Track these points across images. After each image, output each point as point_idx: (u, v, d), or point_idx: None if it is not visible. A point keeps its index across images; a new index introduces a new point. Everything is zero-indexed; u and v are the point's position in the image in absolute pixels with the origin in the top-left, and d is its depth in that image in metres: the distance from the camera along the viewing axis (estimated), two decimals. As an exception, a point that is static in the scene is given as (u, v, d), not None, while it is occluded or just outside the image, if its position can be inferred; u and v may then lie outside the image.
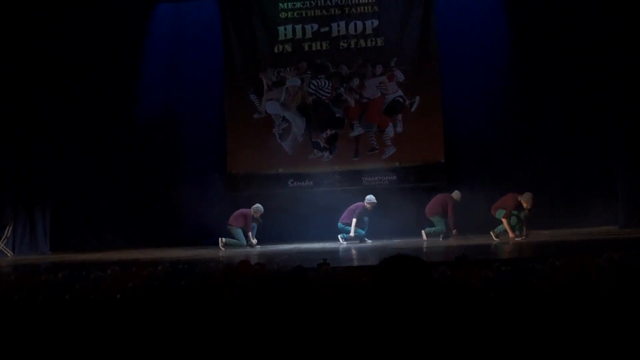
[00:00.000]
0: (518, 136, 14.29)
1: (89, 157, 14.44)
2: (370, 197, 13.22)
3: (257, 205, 13.55)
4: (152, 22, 15.05)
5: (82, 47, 14.48)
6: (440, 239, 12.68)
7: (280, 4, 14.84)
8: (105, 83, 14.60)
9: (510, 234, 11.98)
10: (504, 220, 12.04)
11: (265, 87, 14.85)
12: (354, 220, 13.13)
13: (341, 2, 14.75)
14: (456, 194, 12.94)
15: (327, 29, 14.80)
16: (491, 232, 12.20)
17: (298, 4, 14.82)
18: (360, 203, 13.26)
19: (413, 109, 14.59)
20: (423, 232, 12.95)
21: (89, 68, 14.54)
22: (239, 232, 13.39)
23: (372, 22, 14.71)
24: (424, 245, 11.76)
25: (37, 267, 10.81)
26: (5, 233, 13.65)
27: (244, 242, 13.31)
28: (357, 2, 14.72)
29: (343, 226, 13.32)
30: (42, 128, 14.14)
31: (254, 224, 13.51)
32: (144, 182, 14.79)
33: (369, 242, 13.00)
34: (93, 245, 13.98)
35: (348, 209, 13.34)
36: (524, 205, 12.06)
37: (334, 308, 4.34)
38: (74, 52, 14.44)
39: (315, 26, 14.82)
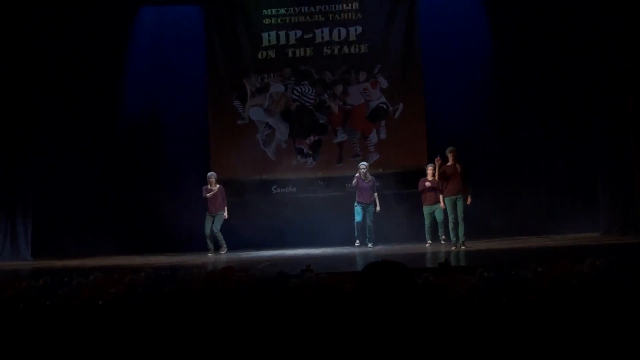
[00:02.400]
0: (501, 143, 14.38)
1: (71, 162, 14.35)
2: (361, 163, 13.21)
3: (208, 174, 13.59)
4: (135, 26, 15.00)
5: (65, 51, 14.39)
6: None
7: (264, 10, 14.86)
8: (88, 88, 14.52)
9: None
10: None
11: (249, 93, 14.85)
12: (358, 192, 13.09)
13: (325, 8, 14.80)
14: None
15: (310, 35, 14.83)
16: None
17: (282, 11, 14.85)
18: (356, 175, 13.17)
19: (397, 116, 14.66)
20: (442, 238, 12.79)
21: (72, 72, 14.46)
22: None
23: (356, 29, 14.76)
24: (412, 251, 11.78)
25: (18, 273, 10.72)
26: (-13, 239, 13.56)
27: (206, 230, 13.34)
28: (340, 8, 14.78)
29: (365, 206, 13.09)
30: (23, 133, 14.01)
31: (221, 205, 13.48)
32: (127, 188, 14.73)
33: (356, 244, 13.03)
34: (75, 252, 13.87)
35: (359, 188, 13.10)
36: (450, 160, 11.80)
37: (318, 314, 4.33)
38: (56, 56, 14.35)
39: (299, 32, 14.85)
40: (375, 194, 13.05)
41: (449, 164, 11.76)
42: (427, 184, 12.88)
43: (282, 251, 12.96)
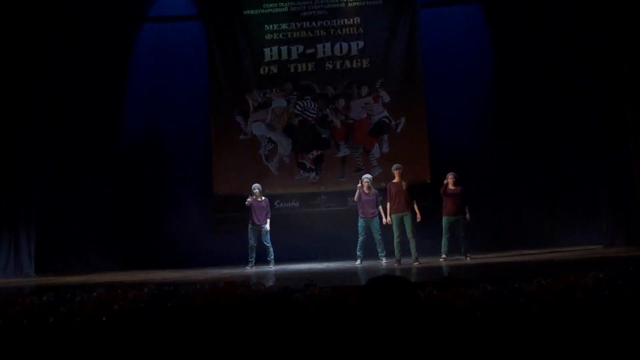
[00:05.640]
0: (503, 156, 14.39)
1: (73, 178, 14.39)
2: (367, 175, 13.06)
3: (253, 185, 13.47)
4: (137, 42, 15.06)
5: (67, 67, 14.46)
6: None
7: (266, 26, 14.91)
8: (90, 104, 14.57)
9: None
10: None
11: (251, 108, 14.87)
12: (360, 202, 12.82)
13: (326, 23, 14.85)
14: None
15: (312, 50, 14.88)
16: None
17: (283, 26, 14.90)
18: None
19: (399, 130, 14.67)
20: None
21: (74, 88, 14.51)
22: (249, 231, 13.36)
23: (358, 44, 14.81)
24: (413, 265, 11.77)
25: (21, 289, 10.73)
26: (-11, 256, 13.55)
27: (251, 241, 13.25)
28: (342, 23, 14.83)
29: (369, 220, 12.83)
30: (25, 149, 14.03)
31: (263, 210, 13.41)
32: (130, 204, 14.75)
33: (357, 263, 12.88)
34: (78, 268, 13.90)
35: (361, 201, 12.85)
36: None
37: (321, 329, 4.32)
38: (58, 71, 14.42)
39: (301, 47, 14.89)
40: (380, 207, 12.94)
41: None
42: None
43: (286, 266, 12.95)
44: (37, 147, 14.21)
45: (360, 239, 12.84)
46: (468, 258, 12.05)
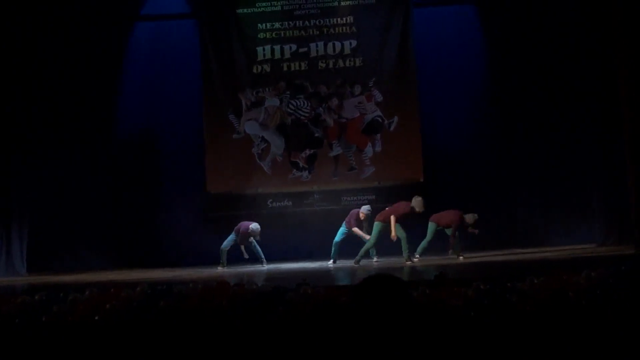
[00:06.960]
0: (496, 155, 14.41)
1: (66, 177, 14.33)
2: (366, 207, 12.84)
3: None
4: (131, 41, 15.01)
5: (60, 66, 14.39)
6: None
7: (259, 25, 14.88)
8: (84, 103, 14.52)
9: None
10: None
11: (244, 107, 14.84)
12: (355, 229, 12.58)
13: (319, 22, 14.83)
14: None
15: (305, 49, 14.85)
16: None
17: (276, 25, 14.87)
18: (356, 210, 12.78)
19: (391, 129, 14.66)
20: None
21: (67, 88, 14.45)
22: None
23: (351, 43, 14.79)
24: (405, 264, 11.76)
25: (13, 288, 10.69)
26: (-19, 255, 13.50)
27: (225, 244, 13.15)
28: (335, 22, 14.81)
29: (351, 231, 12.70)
30: (18, 147, 13.98)
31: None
32: (123, 203, 14.71)
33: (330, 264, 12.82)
34: (71, 267, 13.83)
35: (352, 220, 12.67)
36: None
37: (314, 328, 4.32)
38: (52, 71, 14.35)
39: (294, 46, 14.87)
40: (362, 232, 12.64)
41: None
42: None
43: (278, 265, 12.94)
44: (30, 145, 14.15)
45: (337, 239, 12.68)
46: (461, 257, 12.04)
